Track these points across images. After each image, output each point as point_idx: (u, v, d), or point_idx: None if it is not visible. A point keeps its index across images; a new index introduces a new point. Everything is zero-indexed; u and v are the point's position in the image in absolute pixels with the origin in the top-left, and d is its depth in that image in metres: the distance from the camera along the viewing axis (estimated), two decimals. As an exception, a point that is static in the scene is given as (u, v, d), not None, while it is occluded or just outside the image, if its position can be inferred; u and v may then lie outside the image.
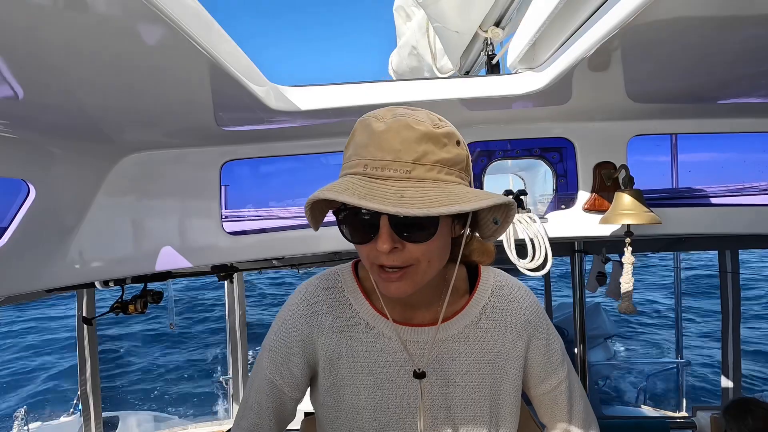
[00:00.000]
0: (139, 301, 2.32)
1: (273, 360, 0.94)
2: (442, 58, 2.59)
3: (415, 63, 2.93)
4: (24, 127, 1.22)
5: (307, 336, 0.91)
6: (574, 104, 1.63)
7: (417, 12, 2.79)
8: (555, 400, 0.99)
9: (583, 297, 3.35)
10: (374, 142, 0.71)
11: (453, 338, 0.90)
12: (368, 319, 0.90)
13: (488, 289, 0.94)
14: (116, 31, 0.76)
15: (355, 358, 0.89)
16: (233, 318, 4.30)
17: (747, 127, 1.86)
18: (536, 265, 1.77)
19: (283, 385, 0.94)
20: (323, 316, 0.91)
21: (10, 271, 1.53)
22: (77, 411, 5.21)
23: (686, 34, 1.01)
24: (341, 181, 0.72)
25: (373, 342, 0.89)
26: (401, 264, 0.75)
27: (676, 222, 1.84)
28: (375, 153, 0.71)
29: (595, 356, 6.72)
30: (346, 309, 0.91)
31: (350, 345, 0.90)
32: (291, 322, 0.93)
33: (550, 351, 0.97)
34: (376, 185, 0.69)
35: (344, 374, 0.90)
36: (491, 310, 0.93)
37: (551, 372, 0.98)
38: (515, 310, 0.94)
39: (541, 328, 0.96)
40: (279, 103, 1.40)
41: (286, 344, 0.93)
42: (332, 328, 0.90)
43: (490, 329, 0.92)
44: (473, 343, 0.90)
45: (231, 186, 2.12)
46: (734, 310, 3.56)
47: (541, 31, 1.22)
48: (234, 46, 1.04)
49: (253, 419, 0.95)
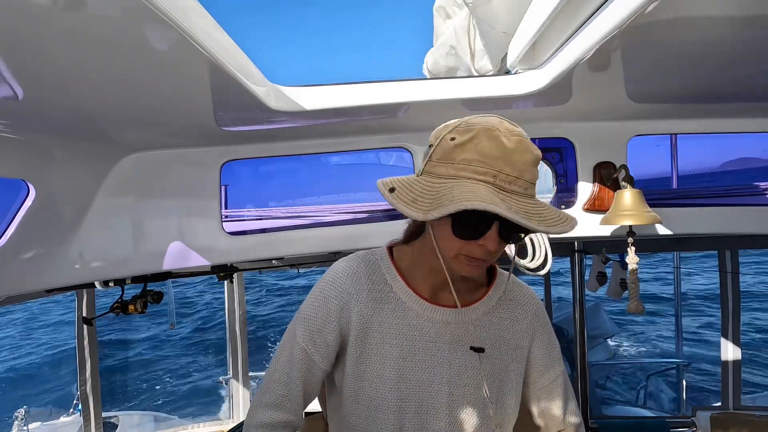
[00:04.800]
0: (139, 301, 2.32)
1: (308, 328, 0.98)
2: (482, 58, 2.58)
3: (453, 63, 2.91)
4: (24, 127, 1.22)
5: (345, 303, 0.97)
6: (574, 104, 1.63)
7: (459, 11, 2.78)
8: (551, 395, 1.07)
9: (583, 297, 3.35)
10: (504, 156, 0.79)
11: (474, 322, 0.99)
12: (401, 294, 0.98)
13: (503, 284, 1.05)
14: (116, 32, 0.76)
15: (385, 328, 0.96)
16: (233, 318, 4.29)
17: (747, 127, 1.86)
18: (536, 265, 1.78)
19: (315, 353, 0.97)
20: (361, 287, 0.98)
21: (10, 271, 1.53)
22: (77, 411, 5.22)
23: (686, 34, 1.01)
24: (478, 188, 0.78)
25: (403, 316, 0.97)
26: (490, 258, 0.87)
27: (676, 222, 1.84)
28: (504, 167, 0.79)
29: (595, 356, 6.73)
30: (381, 284, 0.99)
31: (382, 316, 0.97)
32: (330, 290, 0.99)
33: (551, 346, 1.08)
34: (510, 199, 0.78)
35: (373, 343, 0.96)
36: (506, 301, 1.04)
37: (551, 366, 1.07)
38: (525, 304, 1.06)
39: (545, 324, 1.08)
40: (279, 103, 1.40)
41: (324, 311, 0.98)
42: (368, 298, 0.97)
43: (504, 318, 1.02)
44: (490, 329, 1.00)
45: (231, 186, 2.12)
46: (734, 310, 3.56)
47: (541, 31, 1.22)
48: (234, 46, 1.04)
49: (280, 391, 0.97)
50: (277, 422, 0.96)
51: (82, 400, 3.43)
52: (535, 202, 0.81)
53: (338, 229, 1.92)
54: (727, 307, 3.57)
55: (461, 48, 2.75)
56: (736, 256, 3.55)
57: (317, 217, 2.04)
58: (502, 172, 0.78)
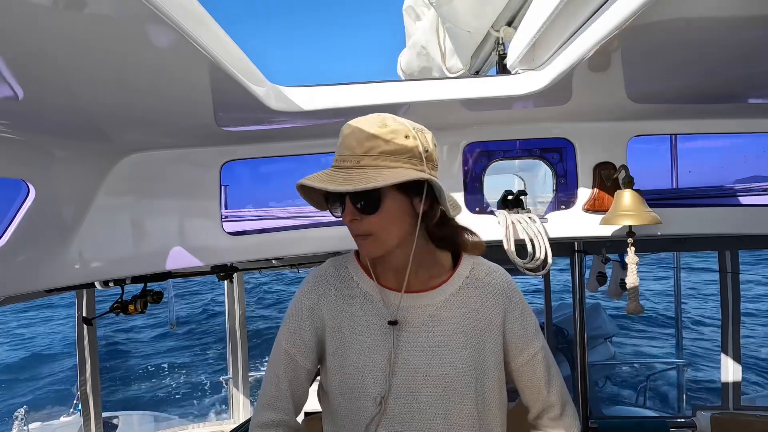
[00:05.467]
0: (139, 301, 2.32)
1: (287, 330, 1.08)
2: (452, 58, 2.59)
3: (425, 63, 2.92)
4: (24, 127, 1.22)
5: (315, 304, 1.07)
6: (574, 104, 1.63)
7: (427, 12, 2.79)
8: (533, 370, 1.10)
9: (583, 297, 3.35)
10: (341, 142, 0.97)
11: (440, 304, 1.05)
12: (367, 288, 1.07)
13: (468, 266, 1.10)
14: (116, 32, 0.76)
15: (356, 321, 1.04)
16: (233, 318, 4.29)
17: (747, 127, 1.86)
18: (536, 265, 1.77)
19: (296, 354, 1.06)
20: (330, 287, 1.08)
21: (10, 271, 1.53)
22: (77, 411, 5.22)
23: (686, 34, 1.01)
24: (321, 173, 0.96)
25: (371, 307, 1.05)
26: (362, 233, 0.97)
27: (676, 222, 1.84)
28: (340, 150, 0.97)
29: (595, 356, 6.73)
30: (349, 281, 1.08)
31: (352, 310, 1.05)
32: (302, 294, 1.09)
33: (525, 322, 1.10)
34: (336, 173, 0.94)
35: (347, 336, 1.03)
36: (472, 281, 1.08)
37: (527, 342, 1.09)
38: (492, 282, 1.10)
39: (515, 299, 1.10)
40: (279, 103, 1.40)
41: (298, 313, 1.08)
42: (337, 296, 1.07)
43: (471, 297, 1.07)
44: (457, 308, 1.05)
45: (231, 186, 2.12)
46: (734, 311, 3.56)
47: (541, 31, 1.22)
48: (234, 46, 1.04)
49: (272, 392, 1.06)
50: (271, 422, 1.04)
51: (82, 400, 3.43)
52: (360, 171, 0.92)
53: (338, 229, 1.92)
54: (727, 308, 3.57)
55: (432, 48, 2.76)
56: (736, 256, 3.55)
57: (317, 217, 2.03)
58: (340, 154, 0.96)
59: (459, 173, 1.88)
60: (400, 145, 0.95)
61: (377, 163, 0.93)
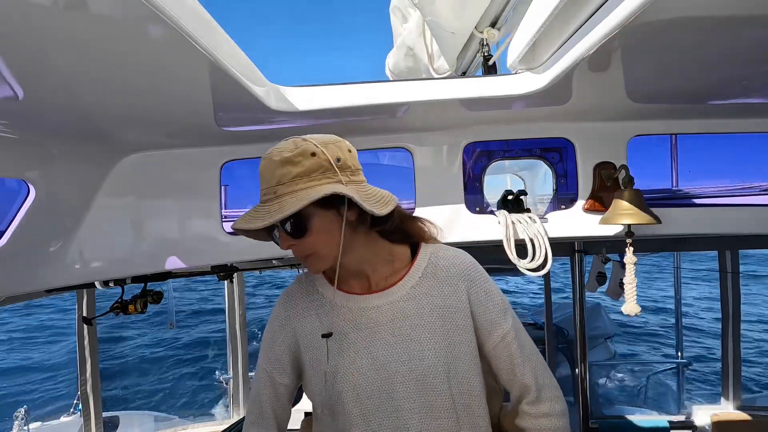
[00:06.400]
0: (139, 301, 2.32)
1: (263, 349, 1.14)
2: (438, 59, 2.59)
3: (412, 64, 2.92)
4: (24, 127, 1.22)
5: (284, 322, 1.12)
6: (574, 104, 1.63)
7: (413, 13, 2.79)
8: (505, 352, 1.08)
9: (583, 297, 3.35)
10: (260, 178, 0.99)
11: (403, 298, 1.06)
12: (330, 296, 1.09)
13: (426, 256, 1.11)
14: (116, 32, 0.76)
15: (323, 329, 1.07)
16: (233, 318, 4.29)
17: (747, 127, 1.85)
18: (536, 265, 1.77)
19: (273, 371, 1.11)
20: (296, 302, 1.13)
21: (10, 271, 1.53)
22: (77, 411, 5.22)
23: (686, 34, 1.01)
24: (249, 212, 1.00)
25: (336, 313, 1.07)
26: (303, 254, 1.01)
27: (676, 222, 1.84)
28: (262, 185, 0.99)
29: (595, 356, 6.73)
30: (314, 294, 1.12)
31: (319, 319, 1.09)
32: (274, 314, 1.15)
33: (489, 303, 1.08)
34: (261, 208, 0.97)
35: (319, 345, 1.06)
36: (431, 270, 1.09)
37: (494, 323, 1.07)
38: (450, 266, 1.09)
39: (477, 280, 1.09)
40: (279, 103, 1.40)
41: (271, 332, 1.13)
42: (305, 309, 1.11)
43: (433, 286, 1.07)
44: (420, 299, 1.06)
45: (231, 186, 2.12)
46: (734, 310, 3.56)
47: (540, 31, 1.22)
48: (234, 46, 1.04)
49: (256, 411, 1.12)
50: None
51: (82, 400, 3.44)
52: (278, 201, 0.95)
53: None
54: (727, 308, 3.57)
55: (419, 49, 2.76)
56: (737, 256, 3.55)
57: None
58: (262, 189, 0.99)
59: (459, 173, 1.88)
60: (309, 163, 0.96)
61: (292, 188, 0.95)
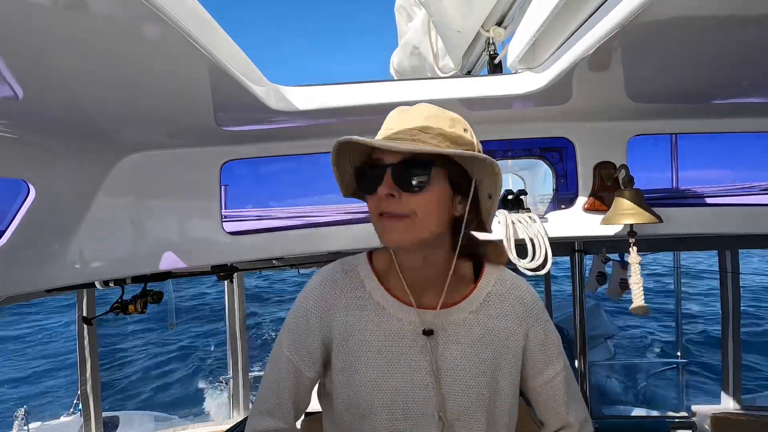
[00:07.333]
0: (139, 301, 2.32)
1: (292, 339, 0.99)
2: (443, 57, 2.59)
3: (417, 63, 2.93)
4: (24, 127, 1.22)
5: (324, 313, 0.98)
6: (574, 104, 1.63)
7: (419, 12, 2.79)
8: (552, 392, 1.03)
9: (583, 297, 3.36)
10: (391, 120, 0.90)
11: (459, 322, 0.96)
12: (380, 299, 0.97)
13: (492, 280, 1.00)
14: (116, 31, 0.76)
15: (366, 335, 0.95)
16: (233, 318, 4.29)
17: (747, 127, 1.85)
18: (536, 265, 1.77)
19: (300, 363, 0.98)
20: (339, 294, 0.98)
21: (10, 271, 1.53)
22: (77, 411, 5.22)
23: (686, 34, 1.01)
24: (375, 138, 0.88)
25: (383, 321, 0.95)
26: (398, 212, 0.85)
27: (676, 222, 1.84)
28: (390, 125, 0.89)
29: (595, 356, 6.73)
30: (360, 290, 0.98)
31: (363, 323, 0.96)
32: (310, 302, 0.99)
33: (547, 343, 1.02)
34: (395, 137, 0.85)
35: (356, 351, 0.95)
36: (494, 298, 0.99)
37: (548, 363, 1.02)
38: (516, 300, 1.00)
39: (540, 320, 1.02)
40: (279, 103, 1.40)
41: (305, 322, 0.98)
42: (347, 306, 0.97)
43: (492, 316, 0.97)
44: (476, 328, 0.96)
45: (231, 186, 2.12)
46: (734, 310, 3.57)
47: (541, 31, 1.22)
48: (234, 46, 1.04)
49: (272, 400, 0.99)
50: (268, 430, 0.97)
51: (82, 400, 3.44)
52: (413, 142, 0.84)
53: (338, 229, 1.92)
54: (727, 307, 3.57)
55: (424, 48, 2.76)
56: (737, 256, 3.55)
57: (317, 217, 2.03)
58: (390, 129, 0.88)
59: (459, 173, 1.87)
60: (459, 133, 0.86)
61: (437, 142, 0.83)
